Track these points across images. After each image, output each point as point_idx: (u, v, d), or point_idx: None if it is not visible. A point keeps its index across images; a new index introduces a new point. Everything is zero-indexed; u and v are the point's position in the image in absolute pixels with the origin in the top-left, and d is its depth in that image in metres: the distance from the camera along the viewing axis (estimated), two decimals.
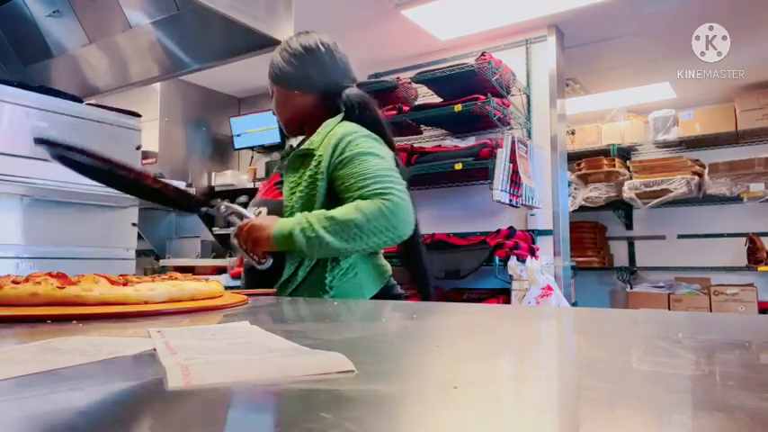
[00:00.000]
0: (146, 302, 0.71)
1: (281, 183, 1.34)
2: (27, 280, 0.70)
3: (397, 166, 1.31)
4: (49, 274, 0.74)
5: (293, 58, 1.39)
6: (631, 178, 4.89)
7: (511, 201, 3.23)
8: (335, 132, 1.29)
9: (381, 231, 1.15)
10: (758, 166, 4.40)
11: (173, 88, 4.64)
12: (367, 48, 3.86)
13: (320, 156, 1.27)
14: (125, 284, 0.73)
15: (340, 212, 1.16)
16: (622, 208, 5.30)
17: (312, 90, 1.39)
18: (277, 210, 1.29)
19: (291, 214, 1.24)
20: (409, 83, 3.72)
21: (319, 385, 0.32)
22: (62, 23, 2.16)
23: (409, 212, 1.21)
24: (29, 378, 0.33)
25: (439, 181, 3.72)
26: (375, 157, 1.24)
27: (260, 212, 1.33)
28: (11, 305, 0.65)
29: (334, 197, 1.26)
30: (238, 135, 4.97)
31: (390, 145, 1.36)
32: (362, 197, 1.18)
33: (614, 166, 4.97)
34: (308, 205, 1.26)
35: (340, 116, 1.36)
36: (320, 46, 1.40)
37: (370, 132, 1.32)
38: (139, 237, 2.18)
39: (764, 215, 4.67)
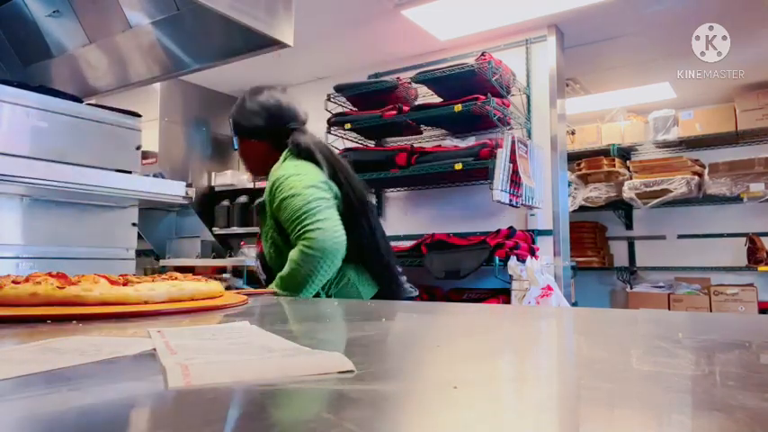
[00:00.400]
0: (146, 302, 0.71)
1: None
2: (27, 280, 0.70)
3: (335, 175, 1.47)
4: (49, 274, 0.74)
5: (250, 114, 1.64)
6: (631, 178, 4.89)
7: (511, 201, 3.23)
8: (270, 179, 1.50)
9: (318, 267, 1.30)
10: (758, 166, 4.40)
11: (173, 88, 4.64)
12: (367, 48, 3.86)
13: (268, 203, 1.48)
14: (125, 284, 0.73)
15: (284, 270, 1.35)
16: (622, 208, 5.30)
17: (265, 137, 1.61)
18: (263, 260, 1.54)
19: (272, 261, 1.47)
20: (409, 83, 3.72)
21: (319, 385, 0.32)
22: (62, 23, 2.16)
23: (330, 236, 1.33)
24: (29, 378, 0.33)
25: (439, 181, 3.72)
26: (293, 198, 1.39)
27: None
28: (11, 305, 0.65)
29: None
30: None
31: (327, 162, 1.51)
32: (293, 243, 1.37)
33: (614, 166, 4.97)
34: (278, 249, 1.46)
35: (282, 158, 1.55)
36: (270, 100, 1.64)
37: (296, 165, 1.49)
38: (139, 237, 2.18)
39: (764, 215, 4.67)
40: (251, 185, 4.82)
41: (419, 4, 3.34)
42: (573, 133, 5.32)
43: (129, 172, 2.04)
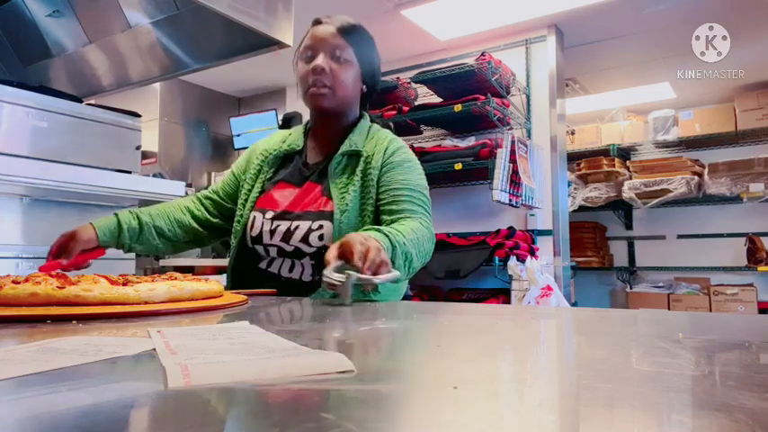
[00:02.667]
0: (145, 302, 0.71)
1: (317, 188, 1.24)
2: (27, 280, 0.70)
3: None
4: (49, 274, 0.74)
5: (374, 50, 1.34)
6: (631, 178, 4.90)
7: (511, 201, 3.23)
8: (382, 136, 1.29)
9: (425, 255, 1.14)
10: (758, 166, 4.40)
11: (173, 88, 4.64)
12: None
13: (369, 156, 1.25)
14: (125, 284, 0.73)
15: (417, 232, 1.10)
16: (622, 208, 5.30)
17: (368, 83, 1.32)
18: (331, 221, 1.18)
19: (345, 217, 1.16)
20: (409, 83, 3.72)
21: (319, 385, 0.32)
22: (62, 23, 2.16)
23: None
24: (29, 378, 0.33)
25: (439, 181, 3.71)
26: (421, 176, 1.27)
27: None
28: (10, 305, 0.65)
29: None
30: (238, 135, 4.97)
31: None
32: (410, 209, 1.17)
33: (614, 166, 4.97)
34: (362, 207, 1.20)
35: (372, 126, 1.35)
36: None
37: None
38: None
39: (764, 215, 4.67)
40: None
41: (419, 4, 3.34)
42: (573, 133, 5.32)
43: (129, 172, 2.04)
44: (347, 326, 0.68)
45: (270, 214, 1.22)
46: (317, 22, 1.27)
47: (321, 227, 1.17)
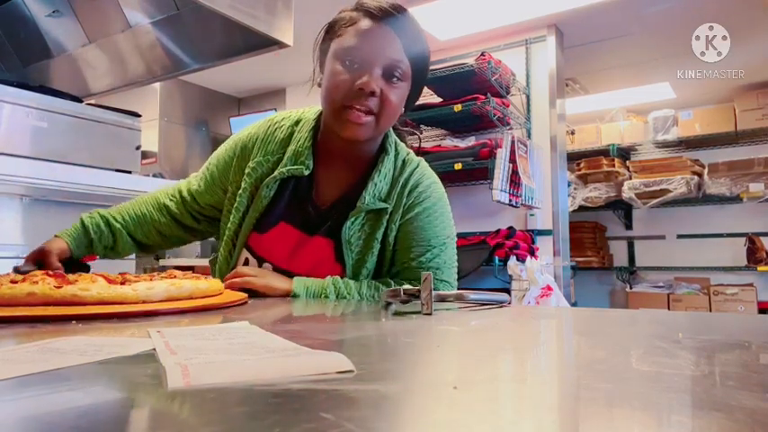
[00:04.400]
0: (143, 301, 0.71)
1: (328, 248, 1.00)
2: (24, 279, 0.70)
3: None
4: (47, 273, 0.74)
5: (427, 57, 1.03)
6: (631, 178, 4.90)
7: (510, 201, 3.23)
8: (407, 174, 1.03)
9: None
10: (758, 166, 4.40)
11: (173, 88, 4.64)
12: None
13: (393, 210, 1.01)
14: (123, 283, 0.73)
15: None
16: (622, 208, 5.30)
17: (410, 98, 1.02)
18: None
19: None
20: None
21: (319, 385, 0.32)
22: (62, 23, 2.16)
23: None
24: (29, 378, 0.33)
25: None
26: (450, 242, 1.07)
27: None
28: (8, 305, 0.65)
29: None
30: None
31: None
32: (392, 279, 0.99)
33: (614, 166, 4.98)
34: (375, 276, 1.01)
35: (403, 150, 1.08)
36: None
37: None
38: None
39: (764, 215, 4.67)
40: None
41: (419, 5, 3.34)
42: (572, 133, 5.32)
43: (129, 172, 2.04)
44: (347, 326, 0.68)
45: (268, 266, 1.02)
46: (368, 11, 0.94)
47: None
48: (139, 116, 2.15)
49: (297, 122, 1.08)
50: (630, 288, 5.11)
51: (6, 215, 1.75)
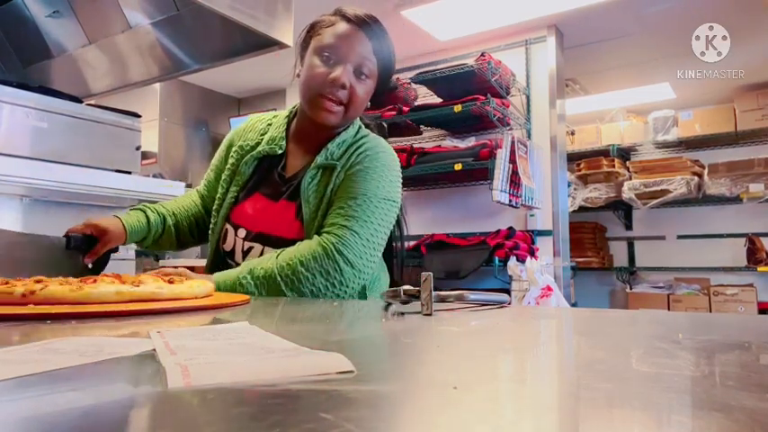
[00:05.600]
0: (170, 299, 0.71)
1: (291, 208, 1.12)
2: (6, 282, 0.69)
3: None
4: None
5: (392, 51, 1.18)
6: (631, 179, 4.90)
7: (510, 201, 3.23)
8: (363, 143, 1.14)
9: (334, 290, 1.01)
10: (758, 167, 4.40)
11: (173, 88, 4.64)
12: None
13: (340, 167, 1.11)
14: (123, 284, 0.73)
15: (289, 259, 1.00)
16: (622, 208, 5.30)
17: (379, 88, 1.18)
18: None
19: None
20: (409, 83, 3.72)
21: (319, 385, 0.32)
22: (62, 24, 2.16)
23: (365, 276, 1.05)
24: (29, 378, 0.33)
25: (439, 181, 3.72)
26: (382, 181, 1.10)
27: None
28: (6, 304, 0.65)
29: None
30: None
31: None
32: (341, 223, 1.03)
33: (614, 166, 4.98)
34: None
35: (358, 125, 1.20)
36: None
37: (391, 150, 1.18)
38: None
39: (764, 215, 4.67)
40: None
41: (419, 5, 3.34)
42: (572, 134, 5.32)
43: (129, 172, 2.04)
44: (347, 326, 0.68)
45: (242, 232, 1.13)
46: (345, 17, 1.11)
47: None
48: (139, 116, 2.15)
49: (274, 117, 1.27)
50: (630, 288, 5.11)
51: (6, 215, 1.75)
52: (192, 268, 1.09)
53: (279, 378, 0.33)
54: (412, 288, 0.73)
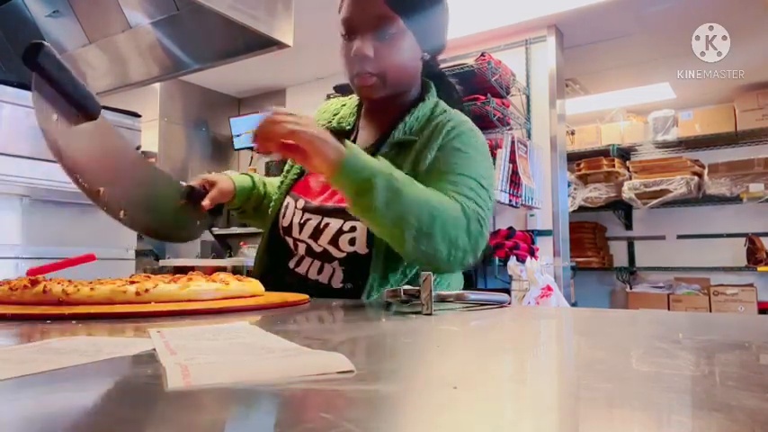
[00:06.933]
0: (191, 300, 0.72)
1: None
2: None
3: None
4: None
5: (436, 4, 1.09)
6: (631, 178, 4.90)
7: (510, 201, 3.23)
8: (446, 119, 1.04)
9: (440, 228, 0.86)
10: (757, 167, 4.40)
11: (173, 88, 4.64)
12: None
13: (423, 145, 1.01)
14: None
15: (437, 199, 0.89)
16: (622, 208, 5.30)
17: (436, 51, 1.12)
18: None
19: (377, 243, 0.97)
20: None
21: (319, 385, 0.32)
22: (62, 23, 2.16)
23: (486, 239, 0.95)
24: (29, 378, 0.33)
25: None
26: (483, 167, 1.01)
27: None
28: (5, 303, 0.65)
29: None
30: (238, 135, 4.97)
31: None
32: (453, 189, 0.93)
33: (614, 166, 4.98)
34: None
35: (435, 98, 1.11)
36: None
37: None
38: (139, 237, 2.18)
39: (764, 215, 4.67)
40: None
41: None
42: (572, 133, 5.32)
43: None
44: (347, 326, 0.68)
45: (301, 203, 1.08)
46: None
47: (353, 229, 0.99)
48: (139, 116, 2.15)
49: (350, 98, 1.24)
50: (630, 288, 5.11)
51: (6, 215, 1.75)
52: (192, 268, 1.10)
53: (279, 378, 0.33)
54: (412, 288, 0.73)
